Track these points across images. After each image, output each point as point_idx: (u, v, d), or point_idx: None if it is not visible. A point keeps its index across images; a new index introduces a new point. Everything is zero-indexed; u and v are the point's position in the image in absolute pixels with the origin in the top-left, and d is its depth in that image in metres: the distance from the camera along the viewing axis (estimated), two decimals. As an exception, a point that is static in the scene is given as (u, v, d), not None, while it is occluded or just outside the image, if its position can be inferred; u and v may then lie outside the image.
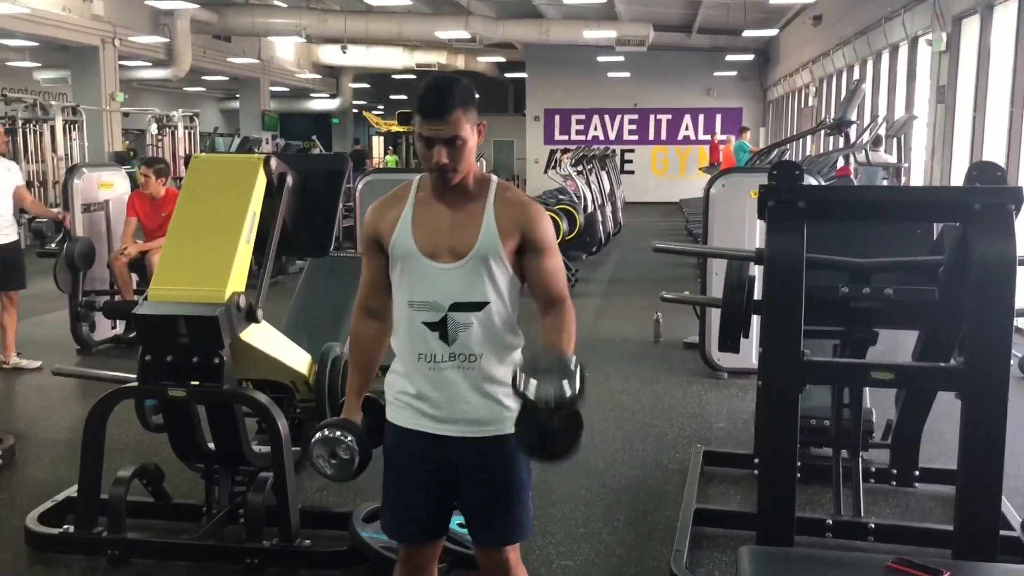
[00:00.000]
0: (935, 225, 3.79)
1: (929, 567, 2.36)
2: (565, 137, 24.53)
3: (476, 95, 2.20)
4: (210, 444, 3.53)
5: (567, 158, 14.23)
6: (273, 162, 3.53)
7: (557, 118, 25.20)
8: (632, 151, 24.79)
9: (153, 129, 17.42)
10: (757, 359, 4.51)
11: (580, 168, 12.90)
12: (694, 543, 3.50)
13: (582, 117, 25.06)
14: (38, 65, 21.66)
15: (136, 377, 3.35)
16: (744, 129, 18.14)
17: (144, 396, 3.47)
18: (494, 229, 2.17)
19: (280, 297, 5.26)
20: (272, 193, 3.54)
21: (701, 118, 24.59)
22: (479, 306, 2.16)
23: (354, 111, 33.96)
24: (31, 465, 4.47)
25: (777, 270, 2.86)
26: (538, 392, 1.89)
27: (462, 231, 2.18)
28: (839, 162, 9.75)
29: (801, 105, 19.40)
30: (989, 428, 2.74)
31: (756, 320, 3.65)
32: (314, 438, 2.29)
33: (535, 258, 2.21)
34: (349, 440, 2.26)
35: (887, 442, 4.12)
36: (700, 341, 6.28)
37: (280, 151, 16.30)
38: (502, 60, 27.64)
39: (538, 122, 25.25)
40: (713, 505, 3.94)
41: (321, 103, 31.91)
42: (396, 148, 26.27)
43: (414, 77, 29.49)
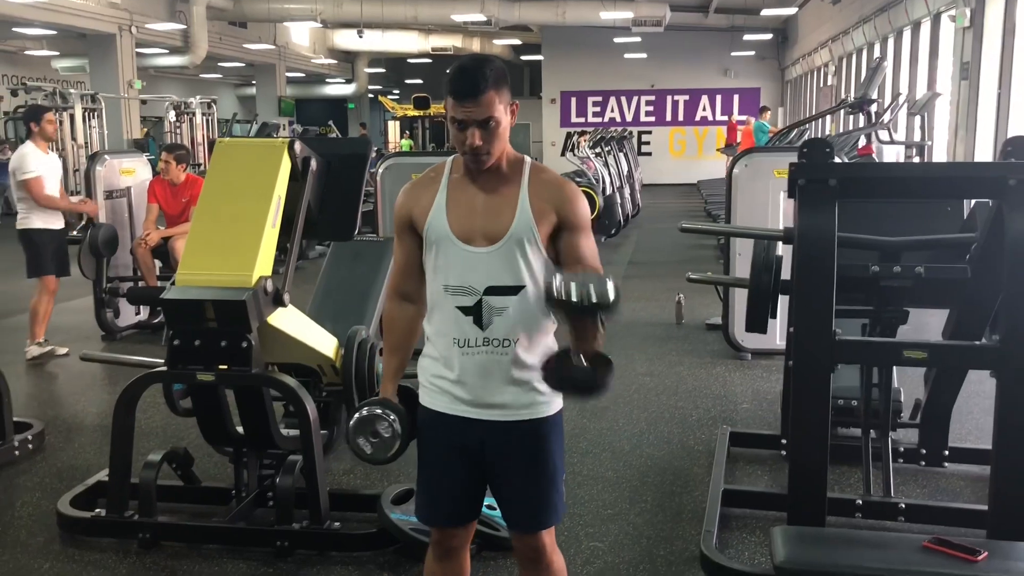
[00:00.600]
0: (965, 202, 3.75)
1: (967, 547, 2.35)
2: (582, 119, 24.45)
3: (508, 75, 2.14)
4: (238, 428, 3.55)
5: (584, 140, 14.20)
6: (297, 146, 3.52)
7: (573, 100, 25.10)
8: (649, 132, 24.69)
9: (171, 116, 17.46)
10: (783, 339, 4.49)
11: (598, 150, 12.86)
12: (723, 524, 3.49)
13: (599, 99, 24.95)
14: (56, 53, 21.82)
15: (164, 362, 3.37)
16: (764, 109, 18.03)
17: (173, 380, 3.48)
18: (529, 211, 2.13)
19: (302, 281, 5.26)
20: (297, 177, 3.54)
21: (719, 99, 24.43)
22: (514, 290, 2.13)
23: (370, 96, 33.92)
24: (60, 450, 4.51)
25: (809, 249, 2.82)
26: (580, 290, 1.93)
27: (496, 214, 2.14)
28: (860, 141, 9.66)
29: (820, 84, 19.22)
30: (1025, 407, 2.71)
31: (783, 300, 3.64)
32: (354, 417, 2.25)
33: (571, 238, 2.18)
34: (392, 419, 2.22)
35: (915, 422, 4.09)
36: (723, 322, 6.25)
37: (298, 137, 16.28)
38: (518, 43, 27.52)
39: (554, 104, 25.17)
40: (741, 486, 3.93)
41: (337, 88, 31.87)
42: (412, 132, 26.21)
43: (429, 61, 29.45)
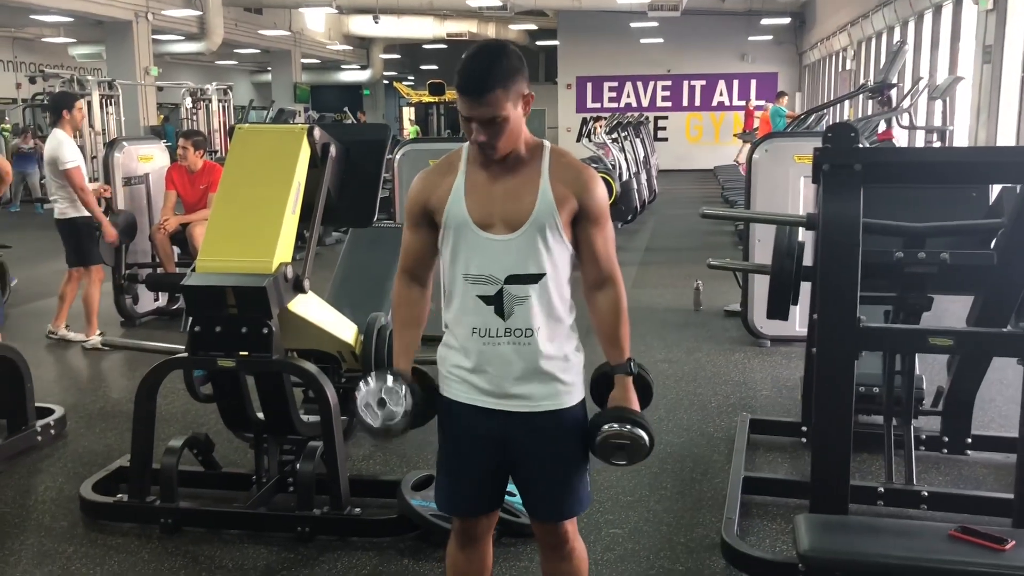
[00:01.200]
0: (990, 188, 3.70)
1: (993, 535, 2.33)
2: (598, 105, 24.30)
3: (522, 65, 2.06)
4: (259, 414, 3.56)
5: (601, 126, 14.12)
6: (317, 132, 3.52)
7: (589, 86, 24.97)
8: (665, 118, 24.54)
9: (188, 103, 17.48)
10: (802, 326, 4.45)
11: (615, 136, 12.79)
12: (743, 511, 3.47)
13: (615, 84, 24.81)
14: (72, 41, 21.89)
15: (185, 348, 3.38)
16: (781, 94, 17.85)
17: (194, 367, 3.50)
18: (550, 197, 2.09)
19: (320, 268, 5.26)
20: (316, 163, 3.53)
21: (735, 84, 24.25)
22: (535, 278, 2.09)
23: (385, 82, 33.88)
24: (82, 436, 4.54)
25: (833, 235, 2.79)
26: (618, 453, 2.16)
27: (516, 201, 2.09)
28: (880, 126, 9.56)
29: (839, 69, 19.03)
30: (1052, 394, 2.68)
31: (804, 287, 3.61)
32: (361, 386, 2.15)
33: (589, 226, 2.13)
34: (403, 391, 2.12)
35: (937, 409, 4.06)
36: (743, 309, 6.21)
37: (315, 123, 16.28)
38: (533, 28, 27.38)
39: (570, 90, 25.05)
40: (761, 473, 3.91)
41: (352, 74, 31.85)
42: (427, 118, 26.17)
43: (445, 47, 29.36)
